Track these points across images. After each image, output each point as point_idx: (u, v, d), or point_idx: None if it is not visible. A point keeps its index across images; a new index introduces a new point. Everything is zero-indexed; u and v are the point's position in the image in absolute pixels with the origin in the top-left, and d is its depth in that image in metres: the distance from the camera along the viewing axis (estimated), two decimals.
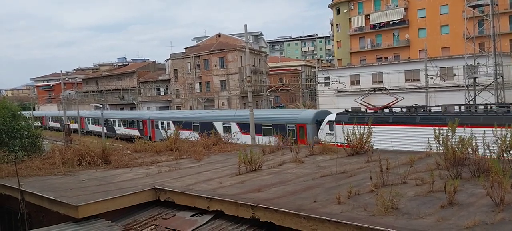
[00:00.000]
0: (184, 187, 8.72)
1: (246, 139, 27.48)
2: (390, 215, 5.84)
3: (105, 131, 55.89)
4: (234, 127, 35.86)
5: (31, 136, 16.74)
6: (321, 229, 5.90)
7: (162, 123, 47.51)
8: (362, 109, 32.07)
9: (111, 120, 61.17)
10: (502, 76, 38.26)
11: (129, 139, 33.93)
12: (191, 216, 7.78)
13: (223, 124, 38.43)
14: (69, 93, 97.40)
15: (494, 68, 37.33)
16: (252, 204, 6.86)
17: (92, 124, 67.80)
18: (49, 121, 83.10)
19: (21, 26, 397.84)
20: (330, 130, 28.36)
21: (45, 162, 12.94)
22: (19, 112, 17.44)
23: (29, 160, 13.37)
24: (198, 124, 40.51)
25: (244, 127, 34.21)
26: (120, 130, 56.61)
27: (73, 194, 8.57)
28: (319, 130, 29.94)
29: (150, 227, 7.59)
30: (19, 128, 16.08)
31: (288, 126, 31.40)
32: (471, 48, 39.76)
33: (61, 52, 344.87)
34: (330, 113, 32.85)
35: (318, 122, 30.70)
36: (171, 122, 44.94)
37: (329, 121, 29.45)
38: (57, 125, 77.53)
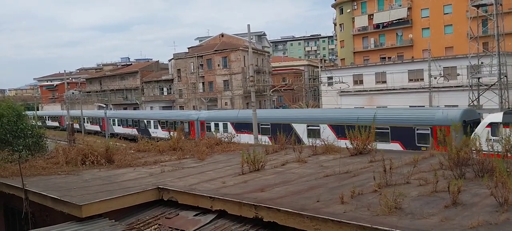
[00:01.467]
0: (187, 187, 8.73)
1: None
2: (394, 215, 5.82)
3: (137, 133, 48.72)
4: (327, 130, 27.48)
5: (35, 135, 16.79)
6: (324, 229, 5.90)
7: (216, 125, 40.08)
8: None
9: (145, 121, 53.52)
10: (506, 76, 38.11)
11: None
12: (194, 215, 7.79)
13: (308, 126, 30.16)
14: (73, 93, 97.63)
15: (498, 68, 37.18)
16: (255, 204, 6.86)
17: (118, 125, 59.97)
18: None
19: (24, 26, 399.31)
20: (492, 134, 20.20)
21: (49, 161, 12.98)
22: (23, 113, 17.52)
23: (33, 159, 13.42)
24: (268, 126, 32.83)
25: (338, 130, 25.76)
26: (157, 132, 48.00)
27: (77, 194, 8.59)
28: (473, 134, 21.18)
29: (153, 227, 7.60)
30: (23, 128, 16.14)
31: (417, 129, 24.21)
32: (475, 48, 39.64)
33: (64, 52, 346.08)
34: (477, 112, 25.98)
35: (465, 122, 22.77)
36: (229, 123, 38.33)
37: (492, 123, 21.75)
38: (76, 125, 71.24)
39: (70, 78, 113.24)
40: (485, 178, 6.53)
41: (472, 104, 37.49)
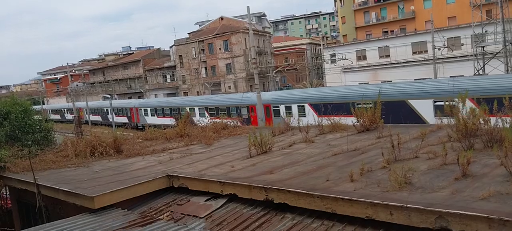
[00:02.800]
0: (196, 173, 8.78)
1: None
2: (404, 190, 5.84)
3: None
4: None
5: (43, 130, 16.90)
6: (335, 207, 5.93)
7: (288, 108, 33.72)
8: None
9: (187, 108, 45.69)
10: (511, 44, 37.71)
11: None
12: (205, 200, 7.86)
13: (434, 101, 23.58)
14: (77, 85, 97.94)
15: (503, 36, 36.77)
16: (265, 186, 6.90)
17: (152, 115, 53.11)
18: (89, 113, 70.49)
19: (26, 20, 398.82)
20: None
21: (58, 155, 13.10)
22: (30, 108, 17.61)
23: (43, 153, 13.53)
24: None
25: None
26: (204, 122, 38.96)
27: (88, 185, 8.68)
28: None
29: (165, 214, 7.69)
30: (31, 123, 16.24)
31: None
32: (478, 16, 39.18)
33: (67, 44, 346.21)
34: None
35: None
36: (307, 105, 31.76)
37: None
38: (98, 118, 69.18)
39: (74, 71, 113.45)
40: (495, 148, 6.50)
41: (477, 73, 37.22)
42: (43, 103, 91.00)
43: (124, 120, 58.62)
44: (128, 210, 8.15)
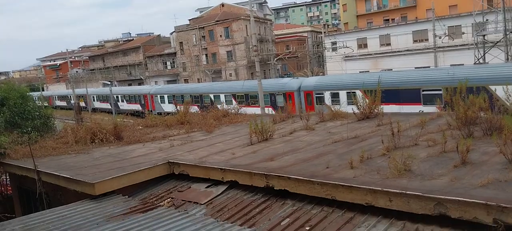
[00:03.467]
0: (197, 160, 8.81)
1: None
2: (404, 177, 5.87)
3: (198, 111, 32.31)
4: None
5: (43, 116, 16.90)
6: (335, 194, 5.97)
7: (335, 95, 29.86)
8: None
9: (212, 95, 41.78)
10: (511, 32, 37.58)
11: None
12: (206, 187, 7.90)
13: None
14: (76, 71, 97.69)
15: (504, 24, 36.59)
16: (265, 173, 6.93)
17: (169, 102, 48.11)
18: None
19: (25, 6, 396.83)
20: None
21: (58, 141, 13.12)
22: (27, 93, 17.60)
23: (43, 140, 13.55)
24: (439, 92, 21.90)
25: None
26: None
27: (89, 172, 8.72)
28: None
29: (166, 200, 7.73)
30: (30, 109, 16.24)
31: None
32: (480, 4, 38.96)
33: (66, 31, 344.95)
34: None
35: None
36: (359, 91, 24.27)
37: None
38: (106, 105, 61.90)
39: (73, 57, 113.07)
40: (494, 136, 6.52)
41: (478, 62, 37.13)
42: (43, 90, 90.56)
43: (136, 107, 55.25)
44: (129, 196, 8.19)
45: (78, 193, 8.23)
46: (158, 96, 50.43)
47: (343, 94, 29.09)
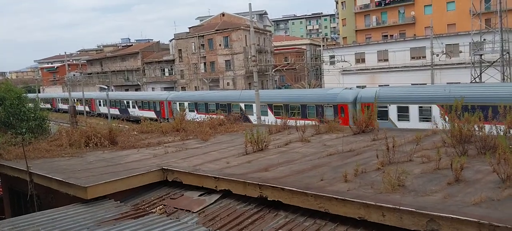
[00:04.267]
0: (191, 167, 8.78)
1: None
2: (397, 192, 5.86)
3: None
4: None
5: (38, 118, 16.84)
6: (328, 207, 5.95)
7: (403, 109, 26.49)
8: None
9: (242, 105, 37.33)
10: (508, 53, 37.87)
11: None
12: (199, 195, 7.86)
13: None
14: (74, 75, 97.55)
15: (501, 45, 36.91)
16: (259, 183, 6.91)
17: (191, 110, 40.90)
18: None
19: (25, 7, 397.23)
20: None
21: (52, 144, 13.04)
22: (23, 95, 17.54)
23: (37, 142, 13.47)
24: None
25: None
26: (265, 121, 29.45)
27: (81, 175, 8.66)
28: None
29: (158, 207, 7.68)
30: (25, 110, 16.18)
31: None
32: (478, 24, 39.29)
33: (65, 33, 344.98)
34: None
35: None
36: (436, 106, 23.82)
37: None
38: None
39: (71, 60, 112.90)
40: (488, 154, 6.54)
41: (474, 81, 37.35)
42: (39, 92, 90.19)
43: (150, 114, 47.67)
44: (121, 201, 8.13)
45: (70, 197, 8.16)
46: (177, 103, 45.86)
47: (414, 109, 25.71)
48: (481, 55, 38.90)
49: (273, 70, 63.26)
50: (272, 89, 54.83)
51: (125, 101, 56.50)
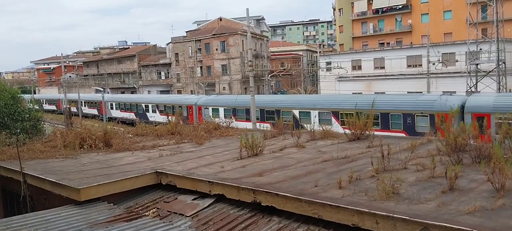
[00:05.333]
0: (185, 171, 8.74)
1: None
2: (391, 200, 5.86)
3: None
4: None
5: (33, 118, 16.76)
6: (322, 213, 5.93)
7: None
8: None
9: (294, 111, 31.66)
10: (504, 63, 38.09)
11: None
12: (193, 199, 7.82)
13: None
14: (70, 76, 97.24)
15: (497, 54, 37.13)
16: (253, 188, 6.89)
17: (226, 115, 35.68)
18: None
19: (23, 8, 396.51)
20: None
21: (47, 145, 12.97)
22: (18, 95, 17.48)
23: (31, 142, 13.40)
24: None
25: None
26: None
27: (75, 177, 8.60)
28: None
29: (152, 210, 7.64)
30: (20, 111, 16.11)
31: None
32: (474, 34, 39.52)
33: (63, 35, 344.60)
34: None
35: None
36: None
37: None
38: (128, 115, 52.05)
39: (67, 62, 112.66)
40: (482, 164, 6.56)
41: (469, 90, 37.51)
42: (34, 93, 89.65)
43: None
44: (114, 204, 8.08)
45: (63, 198, 8.11)
46: (210, 108, 39.41)
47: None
48: (477, 64, 39.10)
49: (269, 75, 63.32)
50: (330, 94, 45.63)
51: (143, 105, 50.50)
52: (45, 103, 79.24)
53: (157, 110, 48.07)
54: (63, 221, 6.99)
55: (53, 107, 78.88)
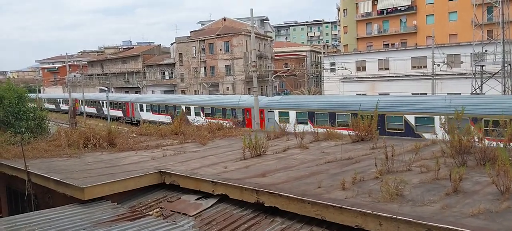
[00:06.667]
0: (189, 171, 8.75)
1: None
2: (395, 202, 5.84)
3: None
4: None
5: (37, 118, 16.84)
6: (325, 214, 5.92)
7: None
8: None
9: (409, 117, 25.21)
10: (510, 64, 37.90)
11: None
12: (196, 199, 7.83)
13: None
14: (74, 76, 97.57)
15: (502, 56, 36.96)
16: (256, 189, 6.88)
17: (301, 122, 29.25)
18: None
19: (28, 8, 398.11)
20: None
21: (51, 144, 13.03)
22: (25, 95, 17.55)
23: (35, 141, 13.46)
24: None
25: None
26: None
27: (79, 176, 8.63)
28: None
29: (155, 210, 7.65)
30: (25, 110, 16.19)
31: None
32: (479, 35, 39.36)
33: (68, 35, 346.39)
34: None
35: None
36: None
37: None
38: (161, 117, 45.75)
39: (72, 61, 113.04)
40: (487, 166, 6.52)
41: (474, 92, 37.36)
42: (39, 92, 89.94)
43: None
44: (118, 203, 8.10)
45: (67, 197, 8.13)
46: (275, 111, 32.96)
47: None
48: (482, 66, 38.93)
49: (273, 76, 63.30)
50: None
51: (182, 107, 43.98)
52: (62, 104, 77.49)
53: (201, 113, 41.62)
54: (67, 220, 7.01)
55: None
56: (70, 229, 6.55)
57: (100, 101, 64.06)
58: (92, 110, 66.04)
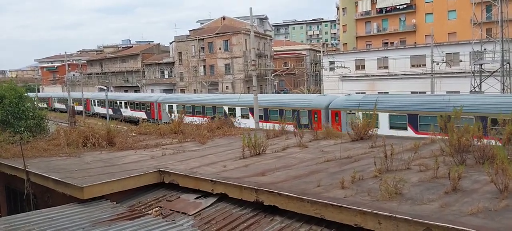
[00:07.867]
0: (188, 170, 8.75)
1: None
2: (394, 200, 5.84)
3: None
4: None
5: (36, 117, 16.83)
6: (324, 213, 5.93)
7: None
8: None
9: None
10: (509, 63, 37.88)
11: None
12: (195, 198, 7.83)
13: None
14: (74, 75, 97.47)
15: (501, 55, 36.96)
16: (256, 188, 6.88)
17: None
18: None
19: (28, 7, 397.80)
20: None
21: (50, 143, 13.01)
22: (25, 94, 17.54)
23: (34, 141, 13.45)
24: None
25: None
26: None
27: (78, 175, 8.63)
28: None
29: (154, 209, 7.65)
30: (24, 109, 16.18)
31: None
32: (478, 34, 39.34)
33: (67, 33, 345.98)
34: None
35: None
36: None
37: None
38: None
39: (71, 60, 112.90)
40: (486, 164, 6.53)
41: (474, 90, 37.38)
42: (38, 91, 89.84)
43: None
44: (117, 202, 8.10)
45: (66, 196, 8.13)
46: (344, 113, 28.57)
47: None
48: (481, 64, 38.92)
49: (273, 75, 63.30)
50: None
51: (225, 108, 39.45)
52: (78, 103, 74.29)
53: (250, 115, 35.93)
54: (66, 219, 7.01)
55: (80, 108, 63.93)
56: (69, 229, 6.55)
57: (117, 102, 58.26)
58: (104, 110, 58.95)
